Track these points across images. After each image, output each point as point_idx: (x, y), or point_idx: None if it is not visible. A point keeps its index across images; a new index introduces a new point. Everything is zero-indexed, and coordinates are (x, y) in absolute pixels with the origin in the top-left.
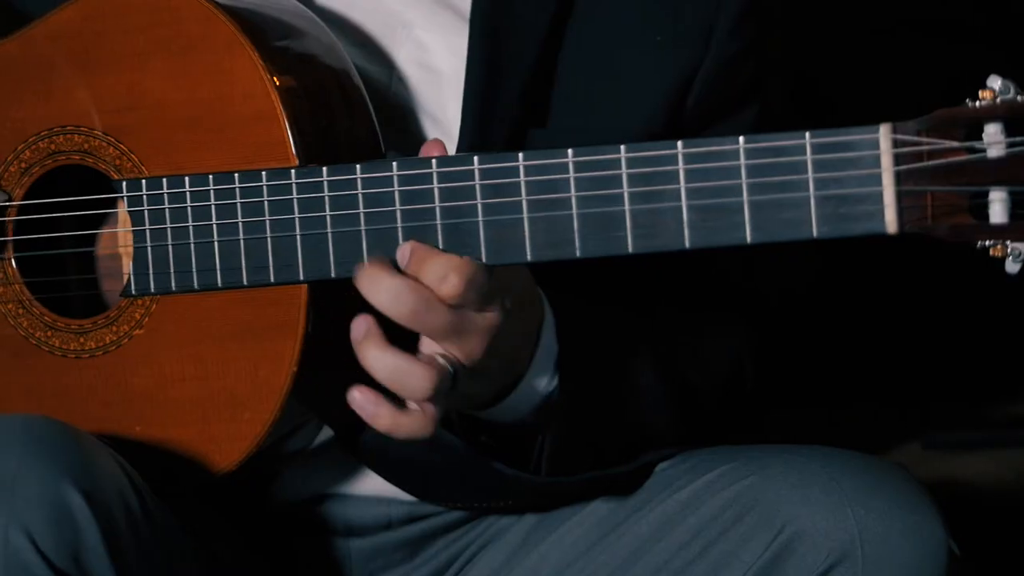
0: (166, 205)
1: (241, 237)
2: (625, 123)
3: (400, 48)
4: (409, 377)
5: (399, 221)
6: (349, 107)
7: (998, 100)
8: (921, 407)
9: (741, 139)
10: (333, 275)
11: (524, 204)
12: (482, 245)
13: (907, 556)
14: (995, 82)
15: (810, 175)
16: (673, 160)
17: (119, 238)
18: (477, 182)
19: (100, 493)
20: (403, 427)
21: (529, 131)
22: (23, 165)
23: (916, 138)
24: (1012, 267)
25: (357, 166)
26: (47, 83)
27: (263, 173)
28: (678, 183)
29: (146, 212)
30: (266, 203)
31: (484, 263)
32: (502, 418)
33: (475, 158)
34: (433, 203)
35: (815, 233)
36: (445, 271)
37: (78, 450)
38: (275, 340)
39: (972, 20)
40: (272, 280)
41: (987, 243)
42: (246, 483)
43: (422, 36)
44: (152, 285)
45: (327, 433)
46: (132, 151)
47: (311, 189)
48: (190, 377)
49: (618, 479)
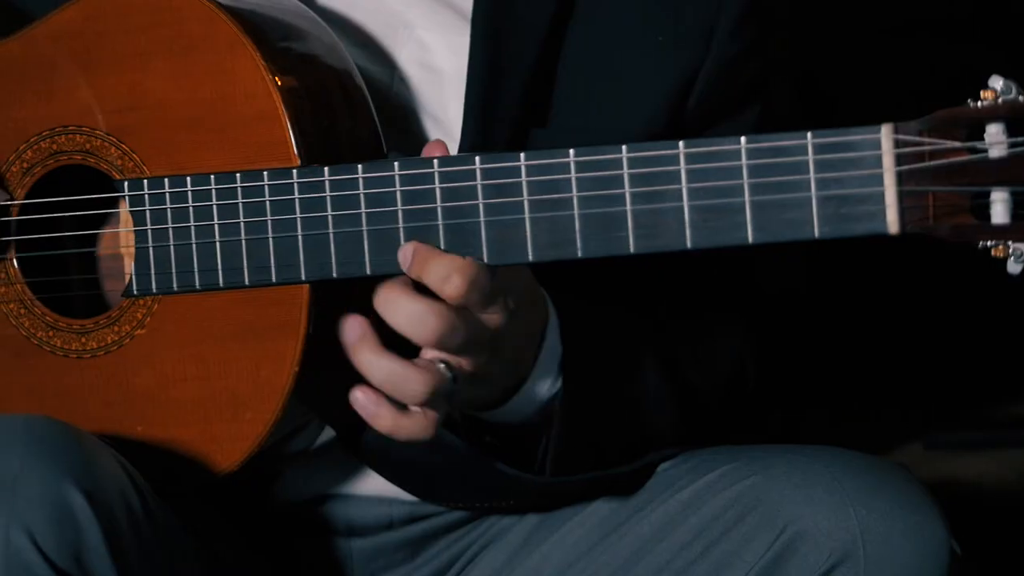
0: (168, 205)
1: (243, 237)
2: (626, 123)
3: (402, 48)
4: (405, 382)
5: (401, 221)
6: (351, 107)
7: (1000, 100)
8: (923, 407)
9: (743, 139)
10: (335, 275)
11: (526, 204)
12: (484, 245)
13: (909, 556)
14: (997, 82)
15: (812, 175)
16: (675, 160)
17: (121, 238)
18: (479, 182)
19: (102, 493)
20: (404, 429)
21: (531, 131)
22: (25, 165)
23: (918, 138)
24: (1014, 267)
25: (359, 166)
26: (49, 83)
27: (265, 173)
28: (680, 183)
29: (148, 212)
30: (268, 203)
31: (486, 263)
32: (505, 419)
33: (477, 158)
34: (435, 203)
35: (817, 233)
36: (448, 272)
37: (80, 450)
38: (277, 340)
39: (973, 20)
40: (274, 280)
41: (989, 243)
42: (248, 483)
43: (424, 36)
44: (154, 285)
45: (329, 433)
46: (134, 151)
47: (313, 189)
48: (192, 377)
49: (620, 479)
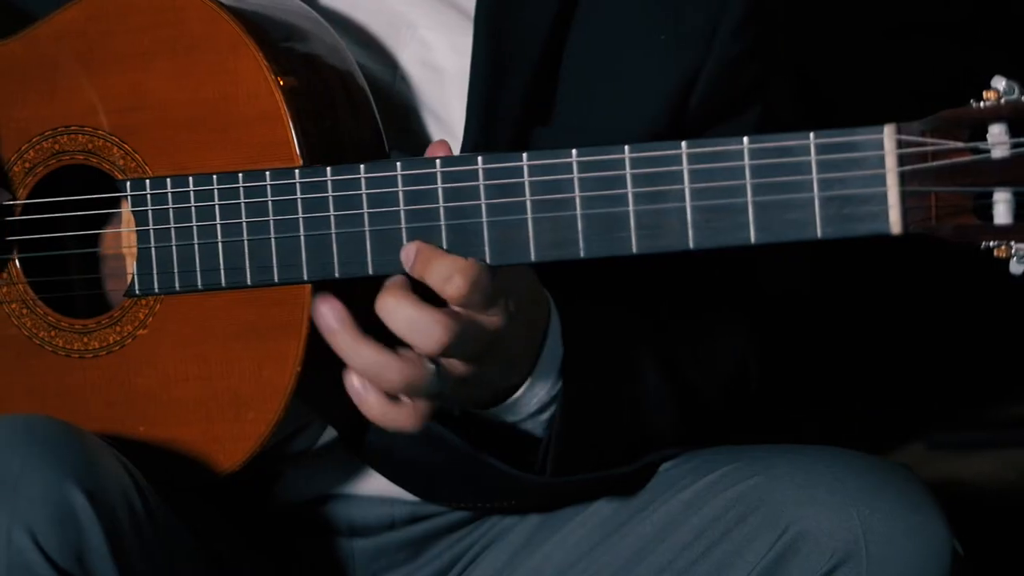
0: (170, 205)
1: (245, 237)
2: (628, 123)
3: (404, 48)
4: (383, 370)
5: (403, 221)
6: (353, 107)
7: (1002, 101)
8: (925, 407)
9: (745, 139)
10: (337, 275)
11: (528, 204)
12: (486, 245)
13: (911, 556)
14: (999, 83)
15: (814, 175)
16: (677, 160)
17: (123, 238)
18: (481, 182)
19: (103, 493)
20: (391, 417)
21: (533, 130)
22: (27, 165)
23: (920, 139)
24: (1016, 268)
25: (361, 166)
26: (51, 83)
27: (267, 173)
28: (682, 183)
29: (150, 212)
30: (270, 203)
31: (489, 265)
32: (504, 417)
33: (479, 158)
34: (437, 203)
35: (819, 234)
36: (450, 272)
37: (81, 450)
38: (279, 340)
39: (973, 21)
40: (276, 280)
41: (991, 244)
42: (249, 483)
43: (426, 35)
44: (156, 285)
45: (331, 433)
46: (136, 151)
47: (315, 189)
48: (194, 377)
49: (621, 479)
